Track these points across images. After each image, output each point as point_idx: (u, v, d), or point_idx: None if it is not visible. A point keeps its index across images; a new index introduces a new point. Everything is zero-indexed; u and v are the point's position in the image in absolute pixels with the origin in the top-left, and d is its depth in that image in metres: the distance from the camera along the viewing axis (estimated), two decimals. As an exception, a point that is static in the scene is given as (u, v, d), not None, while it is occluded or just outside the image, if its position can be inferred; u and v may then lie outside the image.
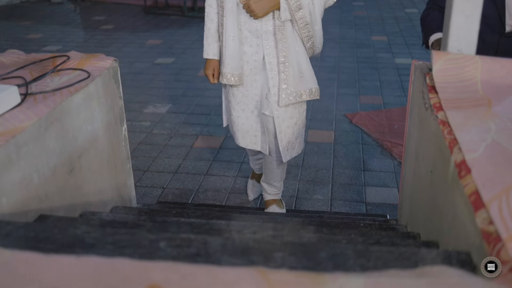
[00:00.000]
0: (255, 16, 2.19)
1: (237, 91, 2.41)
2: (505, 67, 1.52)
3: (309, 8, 2.22)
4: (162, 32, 6.80)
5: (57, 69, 1.83)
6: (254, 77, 2.35)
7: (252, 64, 2.33)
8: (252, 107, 2.40)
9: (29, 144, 1.38)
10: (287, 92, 2.28)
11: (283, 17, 2.20)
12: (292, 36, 2.26)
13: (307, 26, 2.25)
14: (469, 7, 1.54)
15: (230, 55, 2.32)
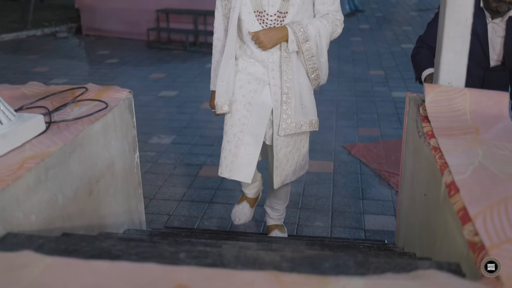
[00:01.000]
0: (263, 48, 2.25)
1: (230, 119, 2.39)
2: (491, 98, 1.67)
3: (315, 40, 2.27)
4: (165, 66, 7.00)
5: (77, 99, 1.97)
6: (249, 100, 2.34)
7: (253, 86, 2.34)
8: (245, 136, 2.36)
9: (55, 167, 1.51)
10: (287, 122, 2.32)
11: (291, 49, 2.25)
12: (297, 68, 2.31)
13: (312, 58, 2.31)
14: (458, 44, 1.69)
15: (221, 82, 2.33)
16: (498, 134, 1.51)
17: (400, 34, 9.28)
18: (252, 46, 2.31)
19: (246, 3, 2.25)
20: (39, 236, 1.28)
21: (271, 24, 2.25)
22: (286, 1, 2.22)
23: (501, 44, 2.60)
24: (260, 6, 2.24)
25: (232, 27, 2.27)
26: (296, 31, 2.22)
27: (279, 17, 2.24)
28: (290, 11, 2.23)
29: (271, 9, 2.24)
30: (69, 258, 1.00)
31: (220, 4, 2.38)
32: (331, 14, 2.32)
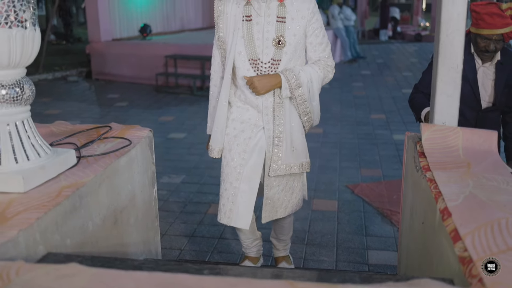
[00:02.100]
0: (257, 93, 2.33)
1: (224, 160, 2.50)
2: (482, 136, 1.84)
3: (308, 86, 2.37)
4: (174, 109, 7.23)
5: (102, 137, 2.15)
6: (244, 148, 2.42)
7: (248, 133, 2.42)
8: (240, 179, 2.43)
9: (87, 196, 1.67)
10: (277, 164, 2.40)
11: (284, 95, 2.34)
12: (289, 112, 2.40)
13: (305, 103, 2.40)
14: (450, 88, 1.87)
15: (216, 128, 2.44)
16: (487, 168, 1.67)
17: (400, 80, 9.55)
18: (247, 91, 2.40)
19: (241, 52, 2.36)
20: (76, 255, 1.43)
21: (265, 71, 2.35)
22: (280, 49, 2.33)
23: (492, 87, 2.80)
24: (254, 55, 2.34)
25: (227, 75, 2.39)
26: (289, 78, 2.32)
27: (273, 65, 2.34)
28: (283, 59, 2.34)
29: (265, 57, 2.34)
30: (111, 269, 1.15)
31: (217, 53, 2.50)
32: (322, 61, 2.44)
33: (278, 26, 2.33)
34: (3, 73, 1.60)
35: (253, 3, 2.34)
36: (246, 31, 2.35)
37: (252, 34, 2.35)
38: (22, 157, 1.65)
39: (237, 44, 2.36)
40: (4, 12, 1.52)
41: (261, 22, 2.34)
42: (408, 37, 17.34)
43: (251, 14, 2.35)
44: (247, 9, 2.35)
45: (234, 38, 2.37)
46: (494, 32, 2.62)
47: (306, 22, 2.37)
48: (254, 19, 2.35)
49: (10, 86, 1.62)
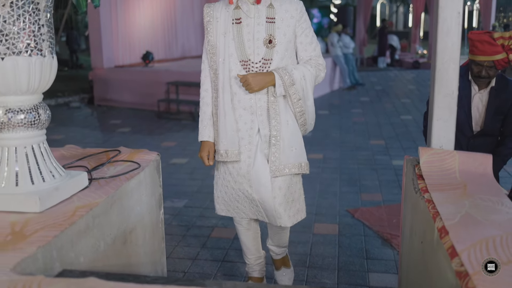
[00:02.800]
0: (251, 90, 2.36)
1: (225, 169, 2.55)
2: (477, 160, 1.92)
3: (301, 83, 2.40)
4: (175, 135, 7.33)
5: (112, 160, 2.23)
6: (248, 153, 2.48)
7: (247, 139, 2.47)
8: (246, 185, 2.50)
9: (100, 216, 1.74)
10: (275, 165, 2.42)
11: (278, 93, 2.38)
12: (285, 111, 2.43)
13: (299, 101, 2.43)
14: (446, 113, 1.96)
15: (225, 132, 2.48)
16: (483, 189, 1.75)
17: (399, 106, 9.68)
18: (240, 92, 2.44)
19: (232, 54, 2.42)
20: (90, 272, 1.50)
21: (256, 70, 2.41)
22: (271, 48, 2.39)
23: (484, 112, 2.91)
24: (245, 56, 2.41)
25: (227, 80, 2.43)
26: (282, 75, 2.36)
27: (265, 64, 2.40)
28: (274, 58, 2.40)
29: (256, 57, 2.40)
30: (128, 283, 1.22)
31: (206, 57, 2.54)
32: (313, 60, 2.49)
33: (268, 27, 2.39)
34: (22, 98, 1.69)
35: (242, 6, 2.41)
36: (237, 33, 2.41)
37: (243, 36, 2.41)
38: (38, 178, 1.72)
39: (230, 46, 2.42)
40: (25, 41, 1.61)
41: (251, 24, 2.41)
42: (406, 64, 17.57)
43: (240, 17, 2.42)
44: (236, 13, 2.42)
45: (226, 41, 2.43)
46: (485, 58, 2.75)
47: (296, 22, 2.43)
48: (244, 21, 2.41)
49: (28, 111, 1.70)
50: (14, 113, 1.68)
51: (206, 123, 2.58)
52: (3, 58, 1.59)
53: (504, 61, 2.73)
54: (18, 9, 1.58)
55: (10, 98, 1.67)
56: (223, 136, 2.51)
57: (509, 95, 2.86)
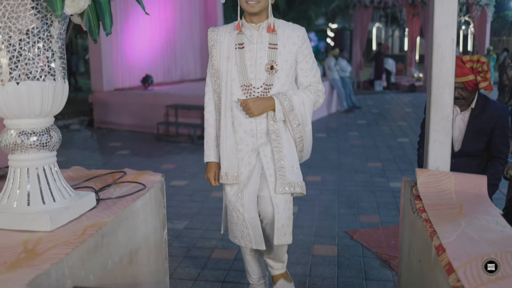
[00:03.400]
0: (251, 114, 2.41)
1: (230, 190, 2.59)
2: (473, 181, 1.99)
3: (300, 109, 2.46)
4: (175, 157, 7.39)
5: (118, 181, 2.29)
6: (247, 174, 2.53)
7: (246, 160, 2.53)
8: (238, 205, 2.53)
9: (108, 235, 1.79)
10: (282, 182, 2.46)
11: (278, 118, 2.43)
12: (285, 133, 2.49)
13: (299, 127, 2.49)
14: (442, 136, 2.04)
15: (226, 155, 2.55)
16: (478, 209, 1.81)
17: (396, 129, 9.78)
18: (241, 116, 2.50)
19: (234, 78, 2.48)
20: (101, 289, 1.55)
21: (257, 95, 2.46)
22: (272, 74, 2.44)
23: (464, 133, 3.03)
24: (247, 81, 2.46)
25: (228, 104, 2.50)
26: (282, 101, 2.42)
27: (265, 89, 2.46)
28: (275, 83, 2.46)
29: (257, 82, 2.46)
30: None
31: (210, 80, 2.61)
32: (313, 86, 2.54)
33: (270, 52, 2.46)
34: (35, 121, 1.76)
35: (245, 31, 2.48)
36: (239, 58, 2.48)
37: (245, 61, 2.47)
38: (49, 198, 1.78)
39: (232, 71, 2.48)
40: (39, 67, 1.69)
41: (254, 49, 2.47)
42: (403, 88, 17.75)
43: (243, 42, 2.49)
44: (240, 38, 2.49)
45: (228, 65, 2.50)
46: (455, 80, 2.87)
47: (297, 49, 2.49)
48: (247, 46, 2.48)
49: (40, 133, 1.77)
50: (27, 135, 1.75)
51: (211, 144, 2.64)
52: (18, 82, 1.66)
53: (473, 83, 2.85)
54: (34, 36, 1.66)
55: (24, 121, 1.74)
56: (223, 158, 2.59)
57: (490, 116, 2.95)
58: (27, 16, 1.63)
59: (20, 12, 1.61)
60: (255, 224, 2.54)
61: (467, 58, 2.89)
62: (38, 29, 1.67)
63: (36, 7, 1.63)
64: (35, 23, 1.65)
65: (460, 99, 2.95)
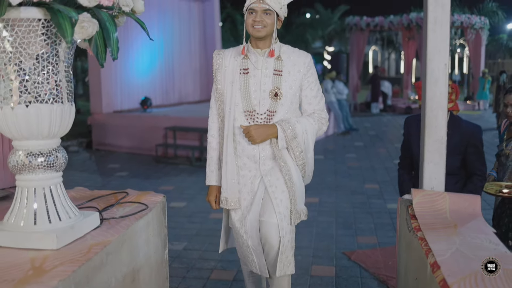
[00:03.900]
0: (253, 142, 2.41)
1: (234, 215, 2.58)
2: (467, 200, 2.05)
3: (303, 137, 2.45)
4: (173, 179, 7.43)
5: (121, 201, 2.34)
6: (250, 201, 2.52)
7: (249, 187, 2.53)
8: (242, 231, 2.54)
9: (112, 254, 1.84)
10: (296, 210, 2.46)
11: (280, 145, 2.42)
12: (291, 161, 2.47)
13: (301, 154, 2.47)
14: (436, 157, 2.10)
15: (226, 180, 2.54)
16: (472, 228, 1.87)
17: (392, 151, 9.85)
18: (244, 142, 2.49)
19: (238, 104, 2.47)
20: (106, 306, 1.59)
21: (260, 122, 2.45)
22: (276, 101, 2.43)
23: None
24: (250, 106, 2.45)
25: (230, 128, 2.49)
26: (285, 129, 2.41)
27: (269, 116, 2.44)
28: (279, 110, 2.44)
29: (261, 108, 2.45)
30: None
31: (214, 104, 2.60)
32: (317, 113, 2.54)
33: (275, 79, 2.44)
34: (43, 142, 1.82)
35: (251, 56, 2.48)
36: (243, 83, 2.47)
37: (249, 86, 2.46)
38: (55, 217, 1.83)
39: (236, 96, 2.48)
40: (48, 90, 1.75)
41: (258, 75, 2.46)
42: (399, 110, 17.88)
43: (248, 67, 2.47)
44: (244, 63, 2.49)
45: (233, 90, 2.49)
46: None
47: (302, 76, 2.49)
48: (251, 72, 2.47)
49: (47, 154, 1.83)
50: (34, 156, 1.80)
51: (213, 168, 2.65)
52: (27, 105, 1.72)
53: None
54: (43, 61, 1.73)
55: (32, 142, 1.80)
56: (224, 183, 2.58)
57: (463, 135, 3.04)
58: (37, 41, 1.70)
59: (31, 38, 1.68)
60: (258, 252, 2.55)
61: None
62: (47, 54, 1.74)
63: (46, 33, 1.70)
64: (44, 49, 1.72)
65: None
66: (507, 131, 3.14)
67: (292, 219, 2.48)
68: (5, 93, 1.72)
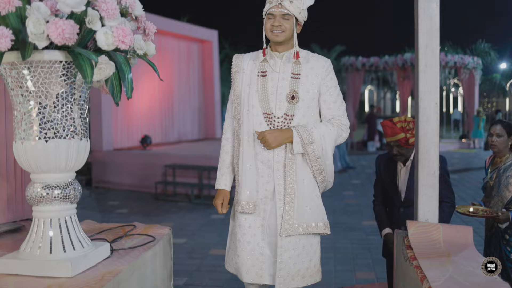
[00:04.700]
0: (268, 147, 2.37)
1: (244, 222, 2.52)
2: (459, 231, 2.15)
3: (320, 142, 2.38)
4: (172, 216, 7.50)
5: (129, 233, 2.44)
6: (263, 207, 2.48)
7: (262, 193, 2.48)
8: (259, 238, 2.48)
9: (123, 282, 1.93)
10: (289, 223, 2.38)
11: (296, 150, 2.36)
12: (302, 169, 2.42)
13: (318, 160, 2.40)
14: (430, 191, 2.22)
15: (248, 184, 2.48)
16: (464, 257, 1.97)
17: (389, 189, 9.94)
18: (258, 146, 2.45)
19: (254, 105, 2.45)
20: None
21: (278, 125, 2.42)
22: (293, 104, 2.40)
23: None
24: (268, 109, 2.43)
25: (251, 132, 2.46)
26: (301, 133, 2.36)
27: (286, 119, 2.42)
28: (296, 114, 2.41)
29: (278, 111, 2.42)
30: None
31: (230, 107, 2.59)
32: (336, 119, 2.47)
33: (292, 82, 2.42)
34: (59, 175, 1.93)
35: (269, 60, 2.48)
36: (261, 86, 2.46)
37: (267, 89, 2.44)
38: (69, 247, 1.93)
39: (253, 98, 2.47)
40: (66, 126, 1.88)
41: (276, 78, 2.45)
42: (395, 149, 18.01)
43: (266, 70, 2.47)
44: (263, 66, 2.48)
45: (250, 92, 2.48)
46: (390, 139, 3.17)
47: (320, 80, 2.46)
48: (269, 74, 2.46)
49: (63, 186, 1.94)
50: (51, 188, 1.91)
51: (223, 171, 2.62)
52: (47, 140, 1.84)
53: (405, 140, 3.12)
54: (62, 99, 1.86)
55: (49, 175, 1.91)
56: (246, 187, 2.51)
57: None
58: (58, 82, 1.84)
59: (52, 78, 1.82)
60: (272, 261, 2.50)
61: (397, 119, 3.19)
62: (66, 93, 1.87)
63: (66, 74, 1.84)
64: (64, 88, 1.86)
65: (399, 156, 3.23)
66: (491, 165, 3.30)
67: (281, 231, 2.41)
68: (26, 129, 1.84)
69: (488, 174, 3.27)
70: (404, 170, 3.29)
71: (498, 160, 3.25)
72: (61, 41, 1.66)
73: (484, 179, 3.36)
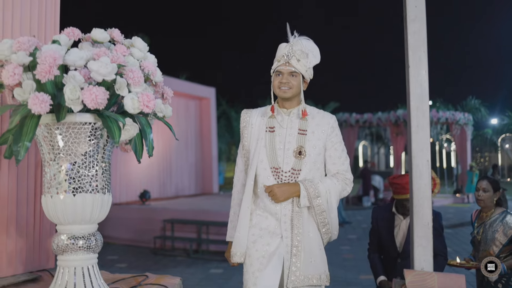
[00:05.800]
0: (276, 200, 2.43)
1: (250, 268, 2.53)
2: (453, 279, 2.31)
3: (326, 196, 2.45)
4: (172, 270, 7.54)
5: (143, 283, 2.58)
6: (262, 255, 2.49)
7: (266, 241, 2.51)
8: (251, 284, 2.48)
9: (141, 327, 2.07)
10: (296, 275, 2.41)
11: (302, 204, 2.42)
12: (308, 222, 2.47)
13: (323, 213, 2.46)
14: (424, 241, 2.39)
15: (238, 233, 2.53)
16: (458, 303, 2.13)
17: (386, 243, 10.02)
18: (266, 199, 2.50)
19: (262, 160, 2.52)
20: None
21: (285, 179, 2.48)
22: (300, 159, 2.47)
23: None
24: (275, 163, 2.49)
25: (250, 182, 2.52)
26: (307, 188, 2.42)
27: (293, 174, 2.47)
28: (303, 169, 2.47)
29: (285, 166, 2.48)
30: None
31: (240, 162, 2.67)
32: (341, 174, 2.54)
33: (299, 138, 2.50)
34: (84, 227, 2.10)
35: (277, 116, 2.55)
36: (269, 141, 2.53)
37: (274, 144, 2.52)
38: (91, 294, 2.07)
39: (260, 152, 2.54)
40: (92, 182, 2.06)
41: (283, 134, 2.53)
42: (390, 203, 18.09)
43: (274, 126, 2.55)
44: (271, 121, 2.56)
45: (257, 147, 2.55)
46: (400, 196, 3.41)
47: (326, 136, 2.54)
48: (277, 130, 2.54)
49: (87, 237, 2.11)
50: (76, 239, 2.08)
51: (234, 224, 2.65)
52: (75, 194, 2.02)
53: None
54: (89, 157, 2.05)
55: (75, 227, 2.08)
56: (236, 237, 2.57)
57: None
58: (86, 141, 2.03)
59: (81, 138, 2.02)
60: None
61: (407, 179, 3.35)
62: (92, 151, 2.07)
63: (93, 133, 2.04)
64: (91, 147, 2.05)
65: (407, 211, 3.45)
66: (478, 219, 3.48)
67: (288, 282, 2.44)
68: (56, 184, 2.02)
69: (475, 229, 3.45)
70: (404, 223, 3.47)
71: (484, 215, 3.42)
72: (94, 106, 1.87)
73: (471, 233, 3.54)
